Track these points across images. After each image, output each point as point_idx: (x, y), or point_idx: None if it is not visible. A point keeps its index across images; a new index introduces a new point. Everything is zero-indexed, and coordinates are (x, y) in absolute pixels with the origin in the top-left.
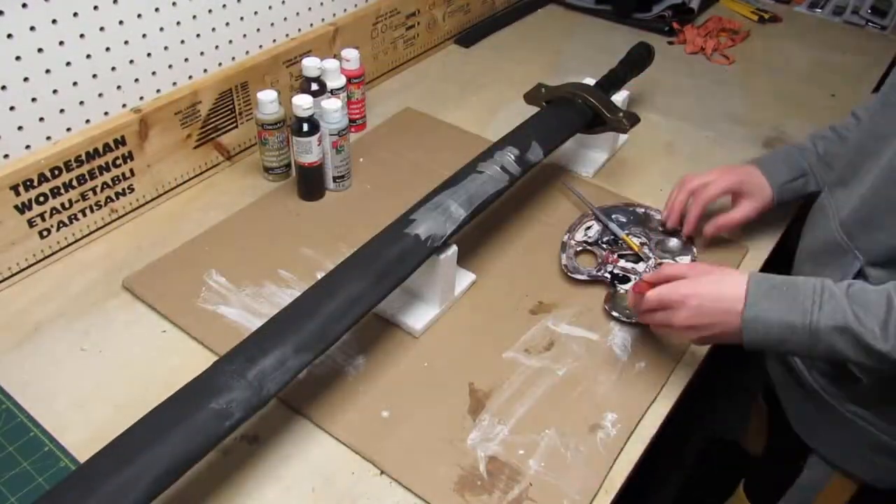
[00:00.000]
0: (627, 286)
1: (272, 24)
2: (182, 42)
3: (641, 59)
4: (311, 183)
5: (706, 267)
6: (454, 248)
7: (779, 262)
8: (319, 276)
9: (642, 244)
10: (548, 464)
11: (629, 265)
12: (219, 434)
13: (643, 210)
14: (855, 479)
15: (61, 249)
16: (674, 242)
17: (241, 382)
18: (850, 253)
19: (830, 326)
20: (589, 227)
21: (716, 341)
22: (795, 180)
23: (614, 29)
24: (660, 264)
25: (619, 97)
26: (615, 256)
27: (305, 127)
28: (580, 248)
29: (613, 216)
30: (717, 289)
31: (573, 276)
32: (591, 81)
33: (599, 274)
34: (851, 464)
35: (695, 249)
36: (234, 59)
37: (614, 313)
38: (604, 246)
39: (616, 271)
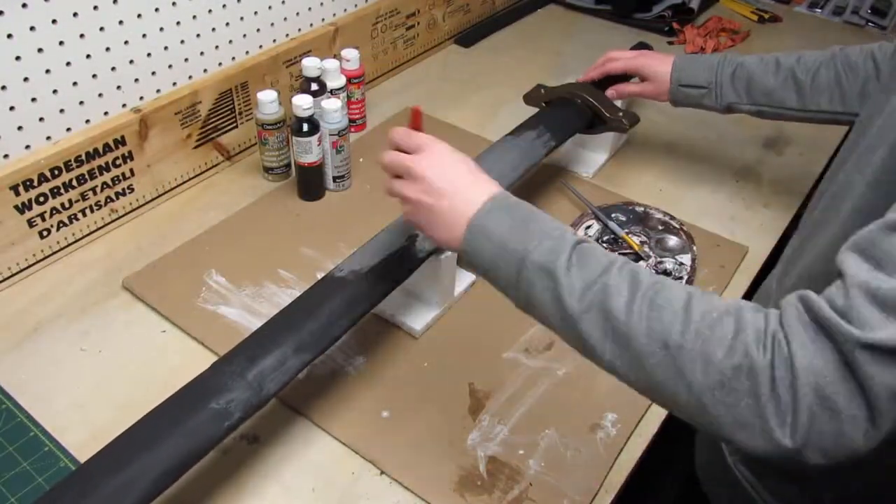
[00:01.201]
0: None
1: (272, 24)
2: (182, 42)
3: None
4: (311, 183)
5: (468, 162)
6: None
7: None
8: (319, 276)
9: (642, 243)
10: (548, 464)
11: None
12: (218, 434)
13: (643, 209)
14: None
15: (61, 249)
16: (674, 241)
17: (240, 383)
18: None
19: (540, 264)
20: (589, 227)
21: (430, 234)
22: (695, 88)
23: (614, 29)
24: (660, 263)
25: None
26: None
27: (305, 127)
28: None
29: (613, 215)
30: (464, 182)
31: None
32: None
33: None
34: None
35: (695, 248)
36: (234, 59)
37: None
38: (604, 245)
39: None
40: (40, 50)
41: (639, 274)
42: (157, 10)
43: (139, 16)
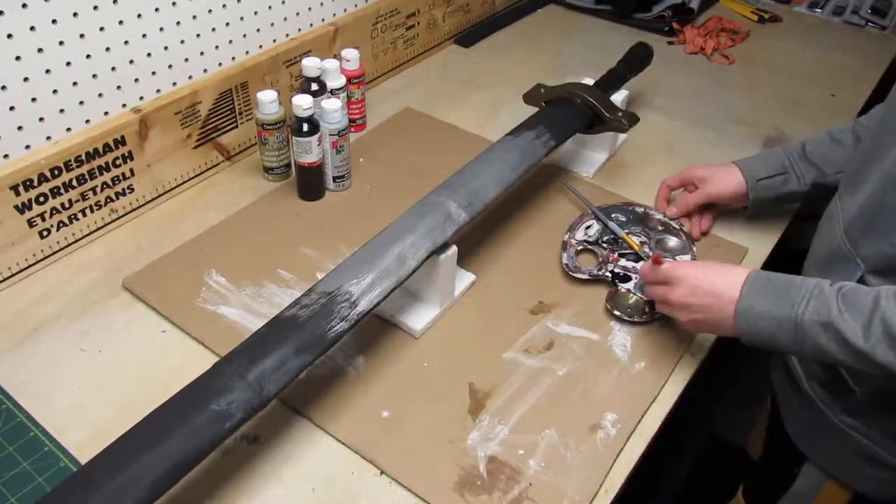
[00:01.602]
0: (628, 285)
1: (272, 24)
2: (182, 42)
3: (641, 59)
4: (311, 183)
5: (716, 262)
6: (454, 249)
7: (779, 262)
8: (319, 275)
9: (642, 243)
10: (548, 464)
11: (630, 264)
12: (219, 435)
13: (643, 209)
14: (847, 489)
15: (61, 249)
16: (674, 242)
17: (241, 383)
18: (852, 261)
19: (815, 322)
20: (589, 227)
21: (710, 329)
22: (773, 177)
23: (614, 29)
24: None
25: (619, 97)
26: (616, 255)
27: (305, 127)
28: (581, 247)
29: (613, 215)
30: (718, 276)
31: (574, 275)
32: (590, 81)
33: (600, 273)
34: (844, 474)
35: (694, 249)
36: (234, 59)
37: (616, 312)
38: (604, 245)
39: (617, 270)
40: (40, 50)
41: None
42: (157, 10)
43: (139, 16)
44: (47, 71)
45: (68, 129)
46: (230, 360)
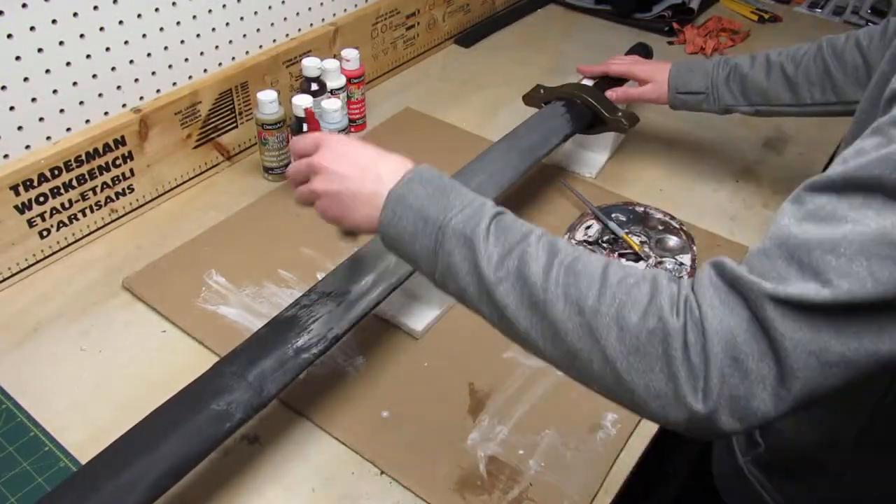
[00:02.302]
0: None
1: (272, 24)
2: (182, 42)
3: None
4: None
5: (372, 146)
6: None
7: None
8: (319, 276)
9: (642, 243)
10: (548, 464)
11: (630, 264)
12: (219, 436)
13: (642, 209)
14: None
15: (61, 249)
16: (674, 241)
17: (241, 384)
18: None
19: (459, 231)
20: (589, 227)
21: (340, 216)
22: (692, 94)
23: (614, 29)
24: (660, 263)
25: None
26: (616, 255)
27: (305, 127)
28: (581, 247)
29: (613, 215)
30: (371, 158)
31: None
32: (589, 82)
33: None
34: None
35: (695, 248)
36: (234, 59)
37: None
38: (604, 245)
39: None
40: (40, 50)
41: (557, 243)
42: (157, 10)
43: (139, 16)
44: (47, 71)
45: (68, 129)
46: (230, 360)
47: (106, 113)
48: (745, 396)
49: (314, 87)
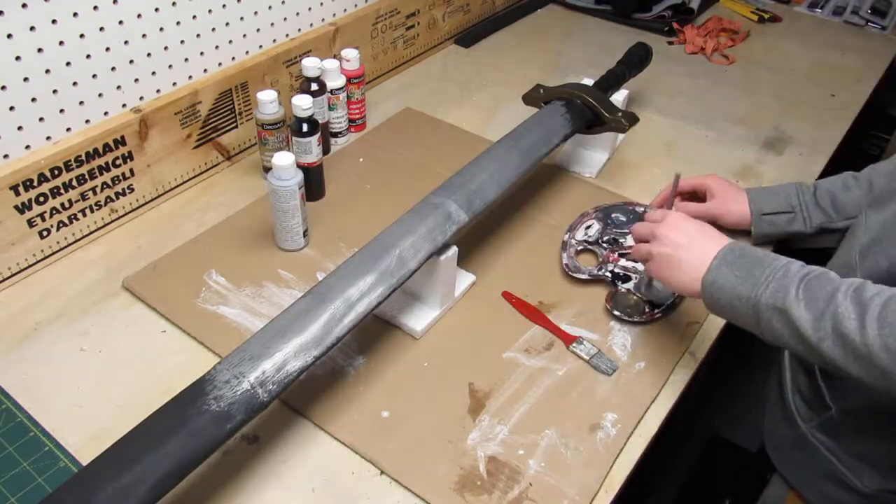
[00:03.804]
0: (628, 285)
1: (272, 24)
2: (182, 42)
3: (640, 59)
4: (311, 183)
5: (702, 224)
6: (454, 249)
7: None
8: (319, 276)
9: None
10: (548, 464)
11: (630, 264)
12: (220, 437)
13: (642, 209)
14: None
15: (61, 249)
16: None
17: (242, 384)
18: (854, 274)
19: (771, 305)
20: (589, 227)
21: (677, 289)
22: (778, 214)
23: (614, 29)
24: None
25: (619, 96)
26: (616, 255)
27: (305, 127)
28: (581, 247)
29: (613, 215)
30: (699, 239)
31: (574, 275)
32: (589, 82)
33: (600, 273)
34: (805, 488)
35: None
36: (234, 59)
37: (616, 312)
38: (604, 245)
39: (617, 270)
40: (40, 50)
41: (863, 294)
42: (157, 10)
43: (139, 16)
44: (47, 71)
45: (68, 129)
46: (231, 361)
47: (106, 113)
48: None
49: (314, 87)
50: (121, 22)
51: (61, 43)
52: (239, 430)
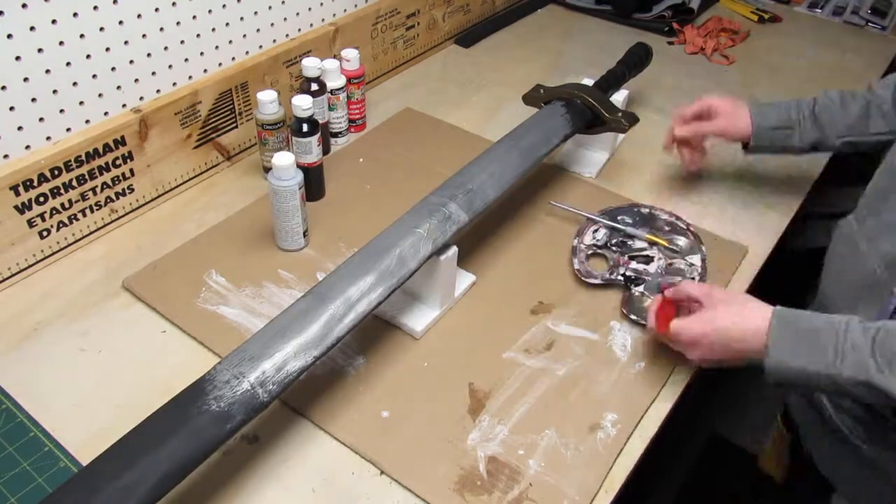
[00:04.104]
0: (640, 288)
1: (272, 25)
2: (182, 42)
3: (639, 60)
4: (311, 183)
5: (725, 295)
6: (454, 250)
7: (778, 263)
8: (319, 276)
9: (651, 244)
10: (548, 464)
11: (640, 267)
12: (220, 437)
13: (647, 210)
14: None
15: (61, 249)
16: (682, 242)
17: (242, 384)
18: (886, 290)
19: (854, 380)
20: (597, 231)
21: (728, 363)
22: (778, 129)
23: (614, 29)
24: (670, 265)
25: (619, 96)
26: (626, 258)
27: (305, 127)
28: (591, 251)
29: (619, 217)
30: (737, 327)
31: (587, 280)
32: (589, 82)
33: (612, 277)
34: None
35: (703, 248)
36: (234, 59)
37: (633, 316)
38: (613, 248)
39: (629, 273)
40: (40, 50)
41: None
42: (157, 10)
43: (139, 16)
44: (47, 71)
45: (68, 130)
46: (231, 361)
47: (106, 113)
48: None
49: (314, 87)
50: (121, 22)
51: (61, 43)
52: (239, 431)
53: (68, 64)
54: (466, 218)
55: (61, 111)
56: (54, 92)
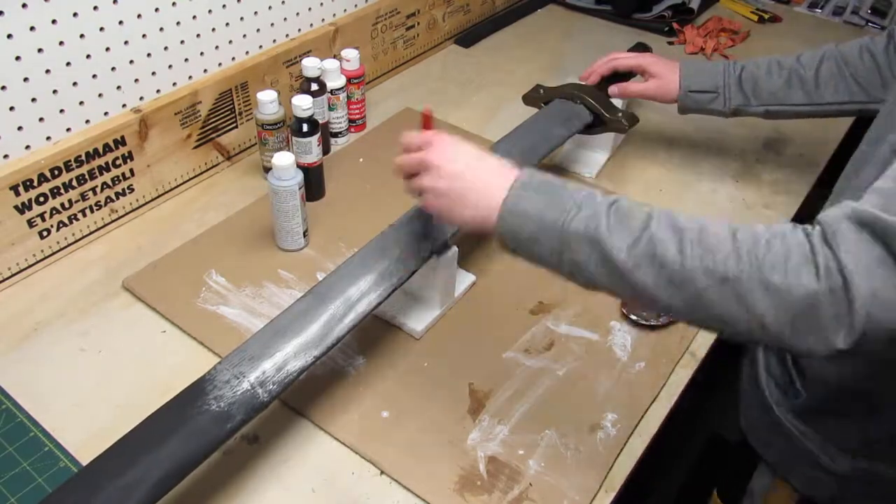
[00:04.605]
0: None
1: (272, 25)
2: (182, 42)
3: None
4: (311, 183)
5: (478, 150)
6: (454, 250)
7: None
8: (319, 276)
9: None
10: (548, 464)
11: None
12: (220, 437)
13: None
14: (794, 490)
15: (61, 249)
16: None
17: (242, 384)
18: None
19: (580, 233)
20: None
21: (459, 220)
22: (703, 93)
23: (614, 29)
24: None
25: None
26: None
27: (305, 127)
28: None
29: None
30: (487, 164)
31: None
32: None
33: None
34: (791, 474)
35: None
36: (234, 59)
37: (633, 316)
38: None
39: None
40: (40, 50)
41: (678, 219)
42: (157, 10)
43: (139, 16)
44: (47, 71)
45: (68, 130)
46: (231, 361)
47: (106, 113)
48: (887, 319)
49: (314, 87)
50: (121, 22)
51: (61, 43)
52: (239, 430)
53: (68, 64)
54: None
55: (61, 111)
56: (54, 92)
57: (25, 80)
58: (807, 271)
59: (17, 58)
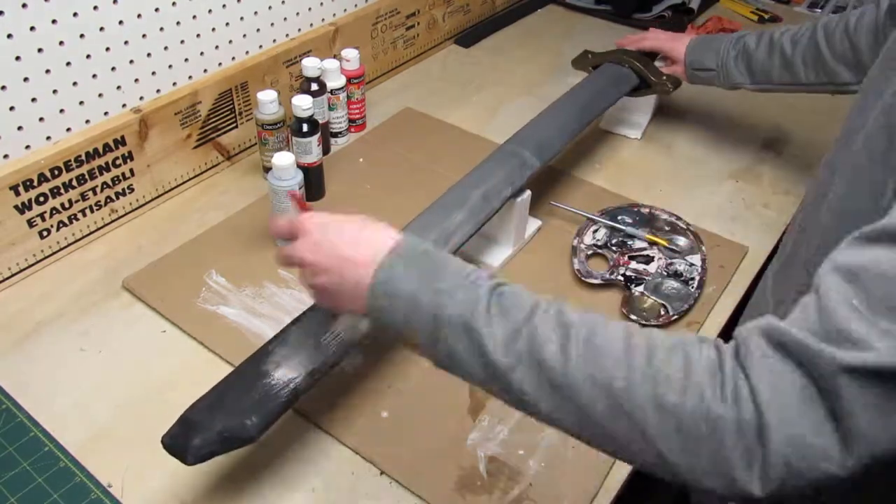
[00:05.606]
0: (641, 288)
1: (272, 24)
2: (182, 42)
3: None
4: (311, 183)
5: (345, 222)
6: (528, 193)
7: None
8: None
9: (651, 244)
10: (548, 464)
11: (640, 267)
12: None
13: (648, 210)
14: None
15: (61, 249)
16: (682, 242)
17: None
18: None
19: (456, 315)
20: (597, 230)
21: (340, 304)
22: (705, 71)
23: (614, 29)
24: (670, 265)
25: None
26: (626, 258)
27: (305, 127)
28: (591, 251)
29: (619, 217)
30: (363, 232)
31: (587, 280)
32: None
33: (612, 277)
34: None
35: (703, 248)
36: (234, 59)
37: (633, 316)
38: (613, 248)
39: (629, 273)
40: (40, 50)
41: (567, 315)
42: (157, 10)
43: (139, 16)
44: (47, 71)
45: (68, 130)
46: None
47: (106, 113)
48: (808, 470)
49: (314, 87)
50: (121, 22)
51: (61, 43)
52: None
53: (68, 64)
54: (538, 164)
55: (61, 111)
56: (54, 92)
57: (25, 80)
58: (711, 392)
59: (17, 58)
